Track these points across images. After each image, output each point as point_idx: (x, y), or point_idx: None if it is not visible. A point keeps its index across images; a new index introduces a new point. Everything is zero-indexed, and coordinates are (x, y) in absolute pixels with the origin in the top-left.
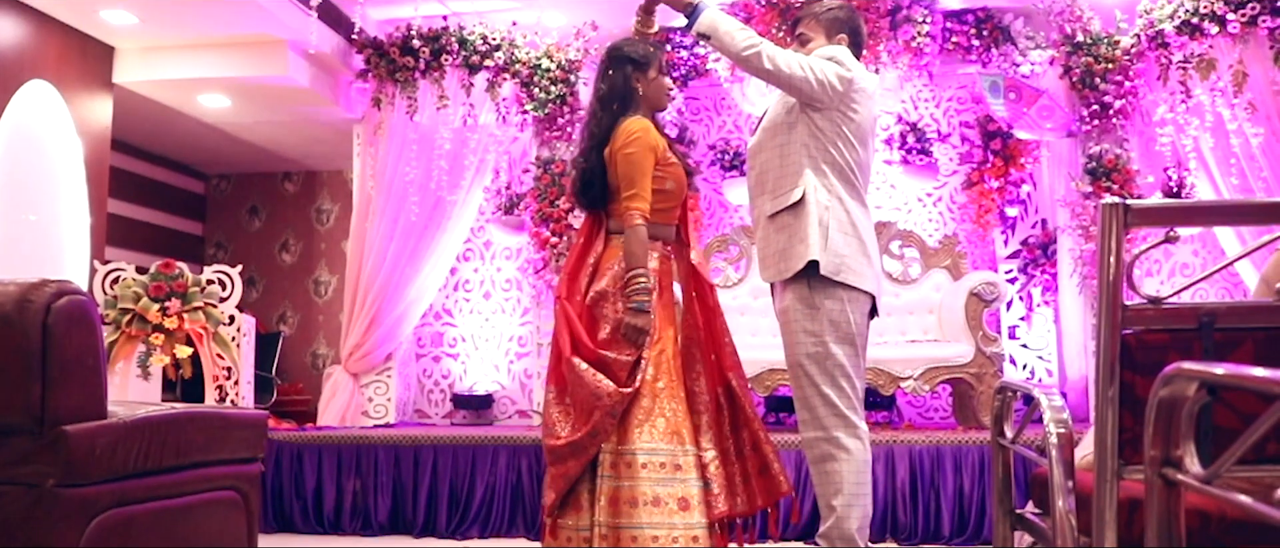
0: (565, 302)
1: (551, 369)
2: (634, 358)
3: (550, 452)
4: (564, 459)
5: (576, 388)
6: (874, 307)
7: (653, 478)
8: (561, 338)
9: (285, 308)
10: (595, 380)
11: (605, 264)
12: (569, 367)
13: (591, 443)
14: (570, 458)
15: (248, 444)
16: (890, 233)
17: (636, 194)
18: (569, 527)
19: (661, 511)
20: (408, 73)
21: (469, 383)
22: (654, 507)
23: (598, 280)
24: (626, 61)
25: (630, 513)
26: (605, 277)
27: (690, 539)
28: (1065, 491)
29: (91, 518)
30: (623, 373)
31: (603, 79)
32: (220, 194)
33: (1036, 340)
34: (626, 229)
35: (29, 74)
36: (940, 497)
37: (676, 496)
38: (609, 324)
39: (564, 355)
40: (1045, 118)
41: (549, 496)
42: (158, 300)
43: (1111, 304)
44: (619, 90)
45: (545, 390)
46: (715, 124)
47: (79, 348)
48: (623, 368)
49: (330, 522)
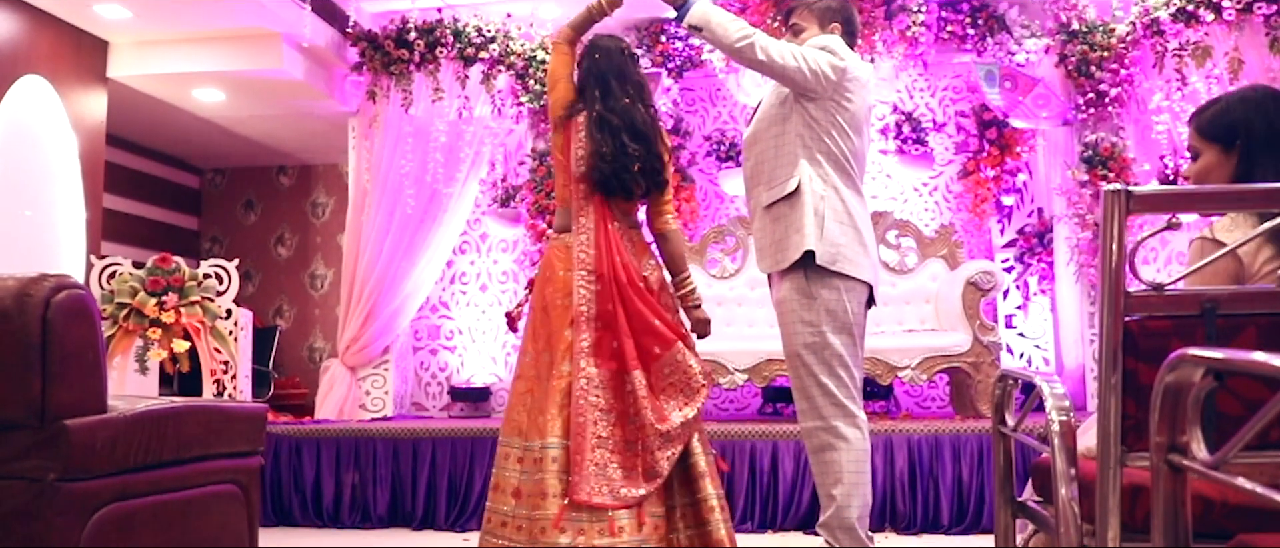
0: (642, 289)
1: (634, 354)
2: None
3: (660, 436)
4: (674, 440)
5: (681, 370)
6: (871, 296)
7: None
8: (650, 322)
9: (281, 302)
10: (700, 361)
11: (642, 253)
12: (678, 350)
13: (698, 420)
14: (679, 437)
15: (247, 438)
16: (887, 222)
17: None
18: (656, 515)
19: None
20: (402, 65)
21: (466, 375)
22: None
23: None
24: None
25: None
26: (654, 268)
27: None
28: (1068, 478)
29: (93, 512)
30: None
31: (635, 71)
32: (215, 188)
33: (1033, 329)
34: (670, 231)
35: (23, 69)
36: (939, 486)
37: None
38: (670, 312)
39: (667, 339)
40: (1041, 106)
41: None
42: (155, 295)
43: (1114, 291)
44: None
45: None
46: (710, 115)
47: (79, 342)
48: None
49: (329, 515)
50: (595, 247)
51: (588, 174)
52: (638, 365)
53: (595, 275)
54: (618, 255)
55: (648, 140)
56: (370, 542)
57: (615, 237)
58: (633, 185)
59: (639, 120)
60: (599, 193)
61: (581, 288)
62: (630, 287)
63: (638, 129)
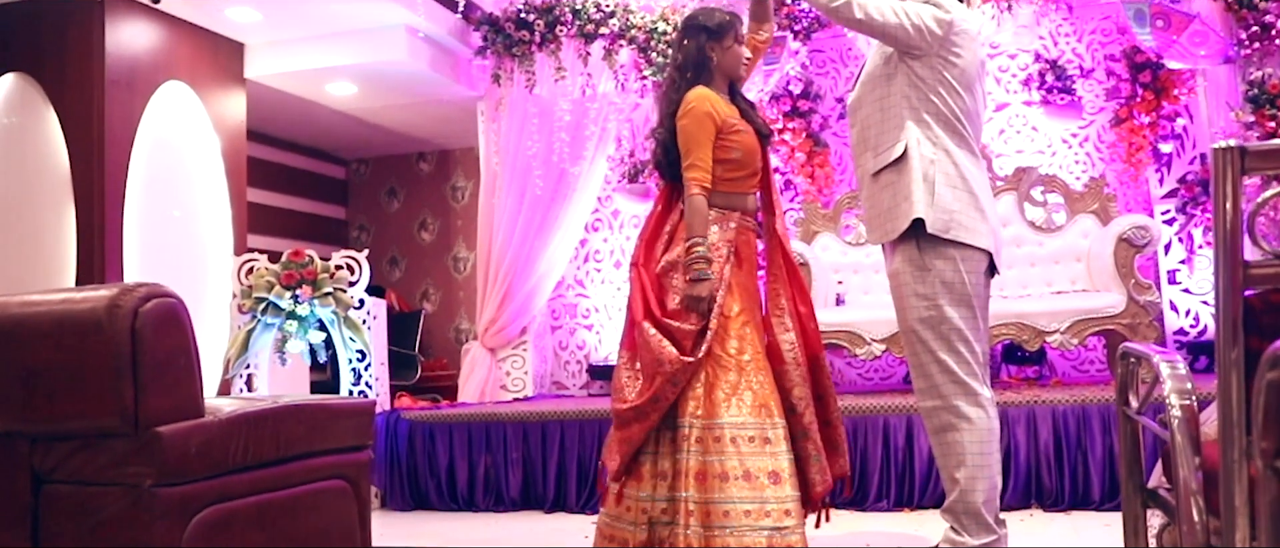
0: (640, 268)
1: (625, 334)
2: (698, 328)
3: (617, 415)
4: (628, 424)
5: (644, 353)
6: (992, 265)
7: (743, 452)
8: (634, 303)
9: (427, 286)
10: (660, 347)
11: (679, 234)
12: (640, 332)
13: (652, 409)
14: (634, 422)
15: (355, 432)
16: (1031, 178)
17: (693, 164)
18: (631, 496)
19: (752, 485)
20: (524, 47)
21: (604, 353)
22: (744, 481)
23: (670, 250)
24: (701, 31)
25: (721, 487)
26: (676, 247)
27: (782, 513)
28: (1192, 468)
29: (192, 516)
30: (687, 342)
31: (677, 49)
32: (360, 178)
33: (1200, 285)
34: (686, 198)
35: (164, 76)
36: (1088, 459)
37: (767, 469)
38: (677, 294)
39: (635, 320)
40: (1198, 44)
41: (613, 460)
42: (289, 288)
43: (1231, 263)
44: (692, 60)
45: (619, 355)
46: (842, 76)
47: (170, 349)
48: (687, 337)
49: (464, 499)
50: None
51: None
52: (624, 347)
53: None
54: (640, 238)
55: (665, 119)
56: (503, 525)
57: (652, 219)
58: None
59: (667, 100)
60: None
61: None
62: (632, 267)
63: (661, 110)
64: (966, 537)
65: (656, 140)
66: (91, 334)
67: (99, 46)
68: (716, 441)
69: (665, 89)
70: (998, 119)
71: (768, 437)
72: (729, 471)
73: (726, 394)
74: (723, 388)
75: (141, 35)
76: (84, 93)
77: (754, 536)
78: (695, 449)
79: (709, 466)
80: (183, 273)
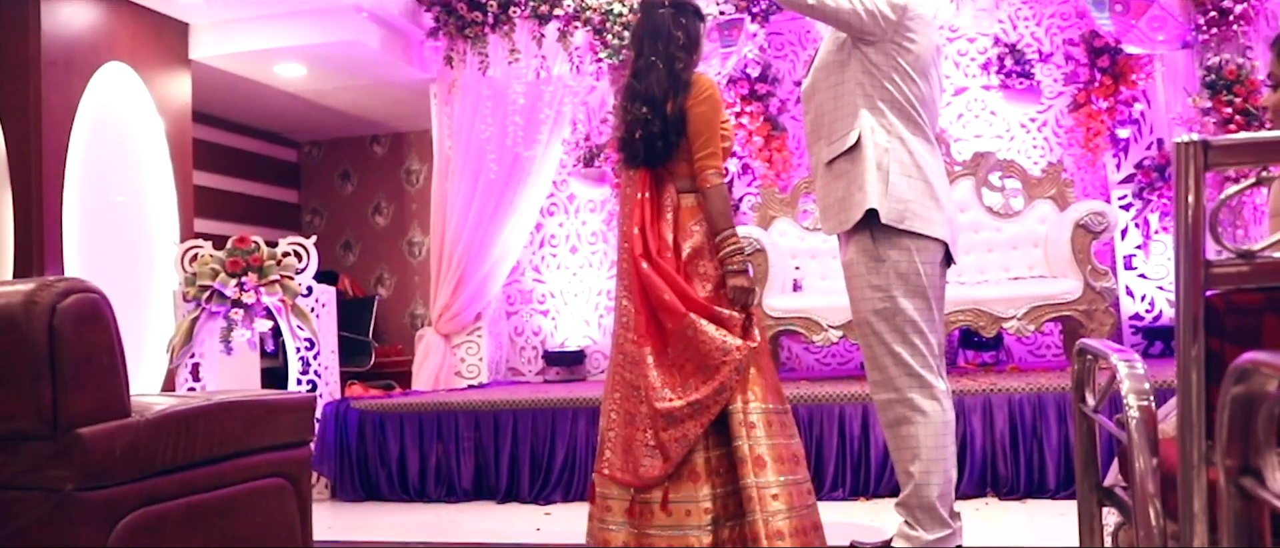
0: (657, 259)
1: (645, 329)
2: (743, 315)
3: (665, 414)
4: (682, 421)
5: (694, 346)
6: (949, 254)
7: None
8: (661, 295)
9: (382, 270)
10: (722, 337)
11: (685, 221)
12: (690, 324)
13: (716, 402)
14: (690, 420)
15: (294, 428)
16: (989, 163)
17: (713, 153)
18: (686, 500)
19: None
20: (477, 28)
21: (560, 339)
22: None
23: (684, 237)
24: (694, 13)
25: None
26: (694, 234)
27: (808, 491)
28: (1149, 471)
29: (117, 520)
30: (737, 329)
31: (675, 26)
32: (312, 161)
33: (1155, 270)
34: (707, 189)
35: (104, 57)
36: (1044, 449)
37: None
38: (709, 282)
39: (677, 312)
40: (1156, 29)
41: (656, 466)
42: (234, 276)
43: (1192, 260)
44: (695, 41)
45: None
46: (800, 59)
47: (91, 346)
48: (737, 324)
49: (416, 489)
50: (627, 218)
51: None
52: (648, 342)
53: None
54: (637, 226)
55: (656, 102)
56: (455, 515)
57: (645, 206)
58: (637, 154)
59: (653, 82)
60: (624, 164)
61: (622, 262)
62: (644, 257)
63: (648, 93)
64: (921, 532)
65: (640, 122)
66: (7, 332)
67: (34, 26)
68: (769, 424)
69: (666, 68)
70: (956, 103)
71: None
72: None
73: (756, 378)
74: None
75: (79, 15)
76: (18, 75)
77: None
78: (760, 435)
79: (777, 448)
80: (127, 260)
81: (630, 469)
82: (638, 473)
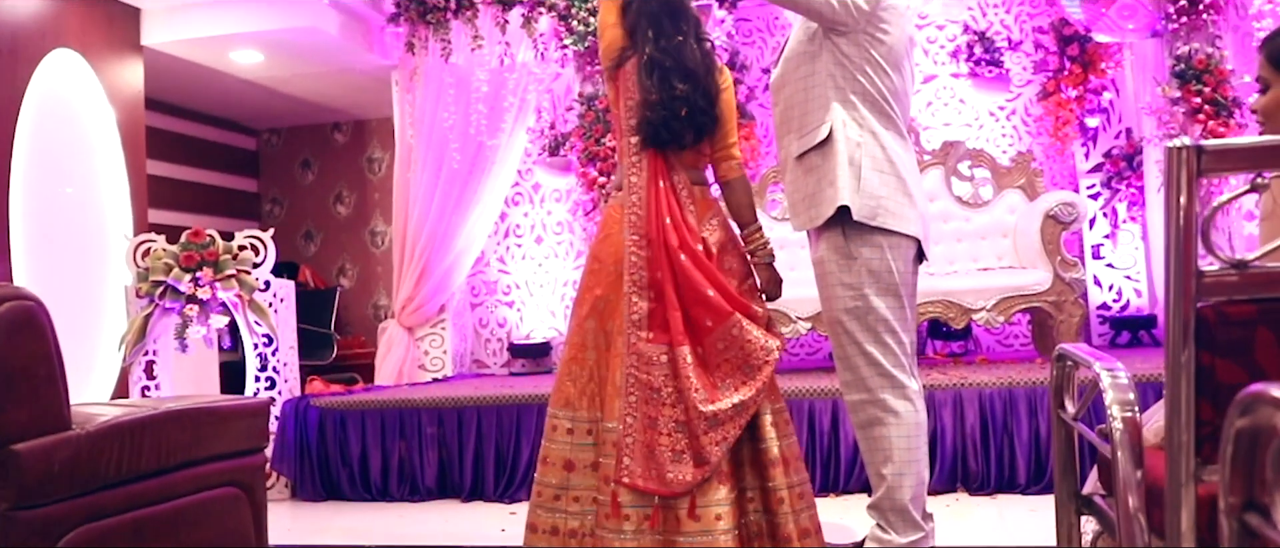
0: (693, 252)
1: (679, 327)
2: (765, 311)
3: (707, 418)
4: (723, 423)
5: (739, 345)
6: (921, 251)
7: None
8: (704, 291)
9: (344, 261)
10: (763, 335)
11: (705, 212)
12: (733, 323)
13: (755, 403)
14: (730, 421)
15: (247, 435)
16: (959, 153)
17: (736, 140)
18: (714, 504)
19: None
20: (439, 14)
21: (526, 331)
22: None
23: (709, 230)
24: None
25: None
26: (715, 227)
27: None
28: (1134, 486)
29: (58, 538)
30: (766, 326)
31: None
32: (272, 149)
33: (1123, 259)
34: (733, 179)
35: (52, 44)
36: (1015, 443)
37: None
38: (735, 278)
39: (722, 311)
40: (1126, 18)
41: (687, 472)
42: (189, 271)
43: (1182, 270)
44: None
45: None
46: (768, 46)
47: (27, 357)
48: (764, 321)
49: (378, 488)
50: (646, 207)
51: (637, 126)
52: (685, 340)
53: (646, 240)
54: (668, 216)
55: (697, 79)
56: (418, 515)
57: (667, 195)
58: (683, 133)
59: (689, 59)
60: (650, 146)
61: (632, 254)
62: (682, 250)
63: (688, 68)
64: (893, 535)
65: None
66: None
67: None
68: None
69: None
70: (925, 91)
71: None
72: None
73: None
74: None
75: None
76: None
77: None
78: (777, 433)
79: (792, 448)
80: (78, 254)
81: (655, 477)
82: (664, 480)
